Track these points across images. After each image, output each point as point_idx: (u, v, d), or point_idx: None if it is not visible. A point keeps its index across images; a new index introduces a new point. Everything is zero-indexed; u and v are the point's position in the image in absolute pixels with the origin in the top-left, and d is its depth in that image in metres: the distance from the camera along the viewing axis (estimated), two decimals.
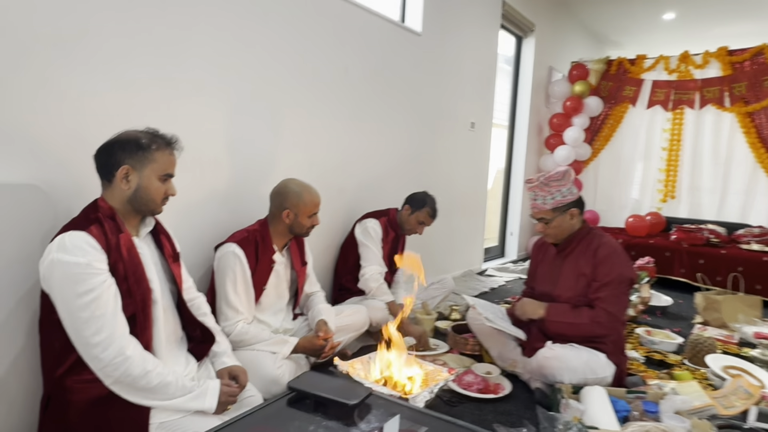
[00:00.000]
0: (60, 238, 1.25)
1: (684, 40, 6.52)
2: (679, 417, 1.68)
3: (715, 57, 4.74)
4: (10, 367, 1.44)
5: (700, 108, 4.85)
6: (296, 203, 1.96)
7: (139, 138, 1.38)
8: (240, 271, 1.86)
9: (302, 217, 1.98)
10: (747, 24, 5.83)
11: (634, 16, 5.88)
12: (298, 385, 0.96)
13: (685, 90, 4.91)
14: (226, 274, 1.85)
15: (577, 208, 2.09)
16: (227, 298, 1.85)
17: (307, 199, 1.97)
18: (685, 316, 3.42)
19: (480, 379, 2.06)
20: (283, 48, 2.37)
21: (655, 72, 5.09)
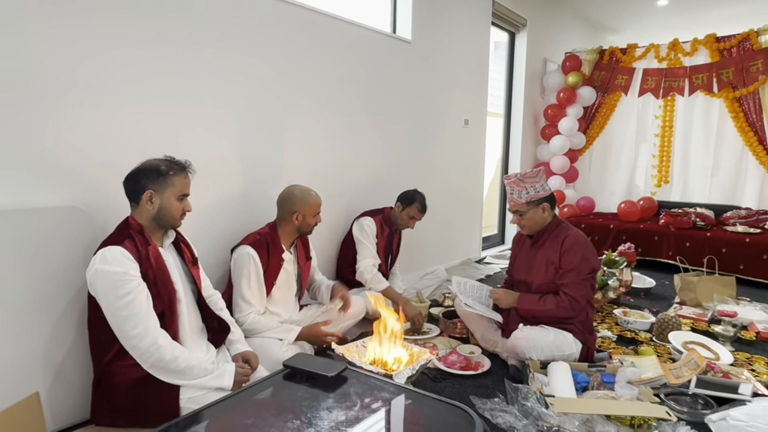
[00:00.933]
0: (101, 252, 1.56)
1: (678, 24, 6.61)
2: (629, 386, 1.94)
3: (703, 44, 4.86)
4: (66, 356, 1.77)
5: (689, 94, 4.99)
6: (303, 206, 2.25)
7: (159, 166, 1.67)
8: (254, 270, 2.15)
9: (309, 217, 2.28)
10: (739, 6, 5.90)
11: (628, 3, 5.98)
12: (291, 362, 1.25)
13: (674, 77, 5.05)
14: (242, 272, 2.15)
15: (548, 203, 2.33)
16: (242, 293, 2.14)
17: (311, 202, 2.28)
18: (668, 296, 3.64)
19: (462, 358, 2.34)
20: (281, 68, 2.63)
21: (646, 60, 5.23)
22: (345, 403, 1.12)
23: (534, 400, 1.87)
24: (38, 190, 1.72)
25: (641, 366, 2.19)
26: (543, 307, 2.23)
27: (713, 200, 4.97)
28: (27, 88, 1.68)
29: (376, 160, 3.41)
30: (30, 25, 1.67)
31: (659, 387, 2.07)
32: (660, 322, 2.71)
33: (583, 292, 2.21)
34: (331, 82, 2.97)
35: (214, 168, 2.35)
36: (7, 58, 1.62)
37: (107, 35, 1.88)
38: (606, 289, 3.23)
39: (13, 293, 1.64)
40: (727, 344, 2.60)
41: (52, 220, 1.73)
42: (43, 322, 1.71)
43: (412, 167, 3.77)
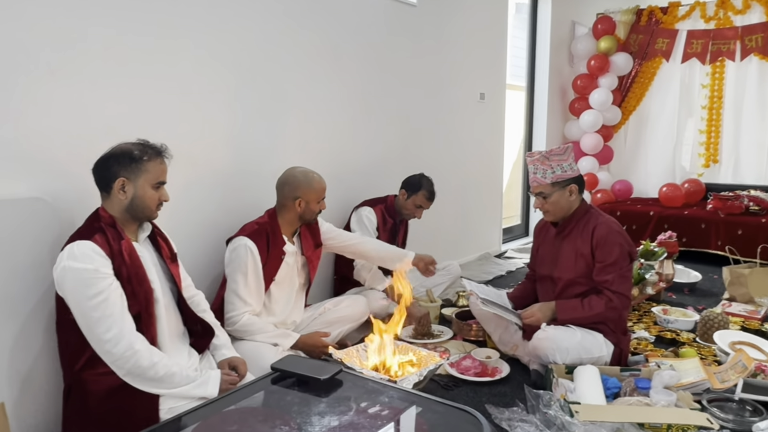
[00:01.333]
0: (69, 248, 1.60)
1: None
2: (667, 391, 1.96)
3: (757, 0, 4.81)
4: (33, 364, 1.82)
5: (741, 59, 4.95)
6: (306, 191, 2.29)
7: (131, 151, 1.71)
8: (252, 264, 2.19)
9: (312, 203, 2.32)
10: None
11: None
12: (280, 365, 1.29)
13: (724, 39, 5.01)
14: (239, 267, 2.18)
15: (576, 185, 2.34)
16: (237, 290, 2.18)
17: (315, 186, 2.31)
18: (716, 292, 3.65)
19: (477, 363, 2.37)
20: (270, 37, 2.66)
21: (691, 21, 5.20)
22: (339, 408, 1.15)
23: (557, 408, 1.90)
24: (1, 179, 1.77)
25: (681, 369, 2.21)
26: (591, 312, 2.24)
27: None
28: None
29: (379, 142, 3.43)
30: None
31: (701, 392, 2.09)
32: (704, 321, 2.73)
33: (627, 285, 2.26)
34: (325, 51, 3.00)
35: (194, 152, 2.38)
36: None
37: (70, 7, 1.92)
38: (643, 285, 3.25)
39: None
40: None
41: (13, 214, 1.77)
42: (6, 327, 1.76)
43: (420, 149, 3.79)
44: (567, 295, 2.36)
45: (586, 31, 5.55)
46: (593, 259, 2.28)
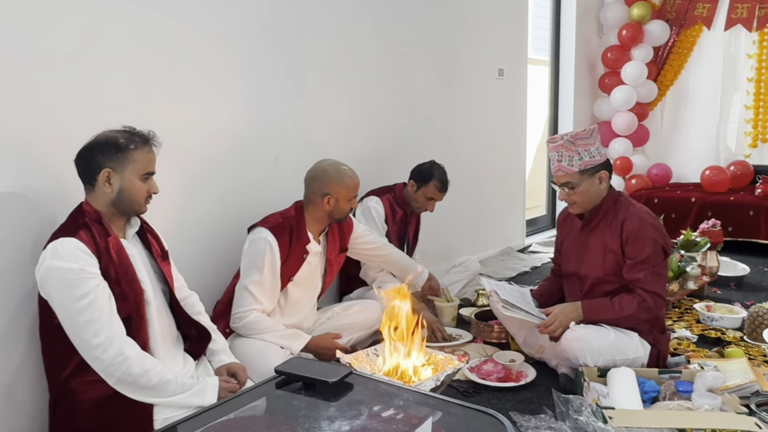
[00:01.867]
0: (52, 245, 1.64)
1: None
2: (711, 394, 1.98)
3: None
4: (16, 373, 1.87)
5: None
6: (337, 189, 2.31)
7: (117, 139, 1.74)
8: (269, 261, 2.23)
9: (343, 202, 2.34)
10: None
11: None
12: (285, 368, 1.32)
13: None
14: (255, 261, 2.23)
15: (606, 171, 2.35)
16: (249, 285, 2.22)
17: (348, 183, 2.34)
18: (766, 287, 3.66)
19: (500, 368, 2.41)
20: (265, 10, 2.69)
21: None
22: (350, 412, 1.18)
23: (589, 414, 1.92)
24: None
25: (727, 371, 2.23)
26: (622, 314, 2.26)
27: None
28: None
29: (387, 126, 3.46)
30: None
31: (749, 396, 2.11)
32: (753, 318, 2.74)
33: (662, 284, 2.27)
34: (327, 26, 3.02)
35: (184, 139, 2.42)
36: None
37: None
38: (684, 279, 3.26)
39: None
40: None
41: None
42: None
43: (432, 133, 3.82)
44: (595, 294, 2.38)
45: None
46: (623, 255, 2.29)
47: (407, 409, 1.23)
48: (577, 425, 1.94)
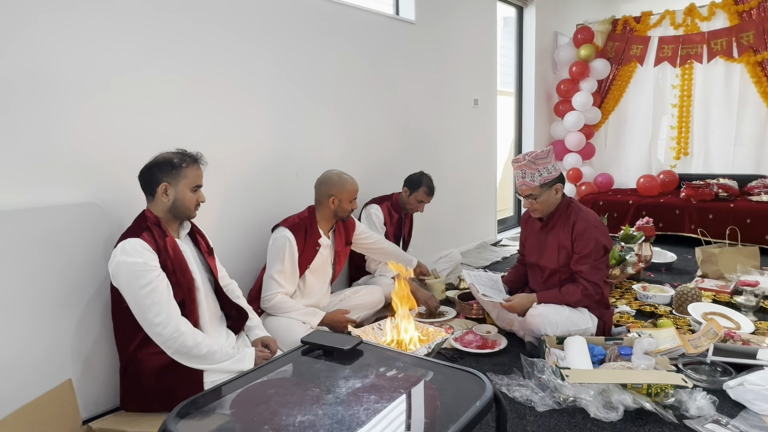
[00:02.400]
0: (122, 245, 1.66)
1: None
2: (646, 356, 2.00)
3: (721, 7, 4.81)
4: (93, 346, 1.89)
5: (708, 61, 4.94)
6: (339, 191, 2.36)
7: (172, 159, 1.77)
8: (289, 253, 2.27)
9: (345, 202, 2.38)
10: None
11: None
12: (309, 339, 1.34)
13: (692, 44, 5.00)
14: (277, 254, 2.27)
15: (561, 183, 2.37)
16: (274, 274, 2.26)
17: (348, 187, 2.38)
18: (690, 270, 3.67)
19: (479, 338, 2.42)
20: (287, 56, 2.71)
21: (661, 28, 5.19)
22: (361, 373, 1.21)
23: (550, 373, 1.95)
24: (58, 188, 1.84)
25: (659, 338, 2.25)
26: (568, 301, 2.29)
27: (737, 170, 4.94)
28: (45, 91, 1.79)
29: (385, 145, 3.48)
30: (47, 35, 1.78)
31: (677, 357, 2.13)
32: (679, 295, 2.76)
33: (601, 275, 2.27)
34: (336, 66, 3.04)
35: (224, 159, 2.44)
36: (24, 63, 1.73)
37: (117, 35, 1.98)
38: (624, 265, 3.28)
39: (40, 288, 1.76)
40: (750, 314, 2.64)
41: (71, 217, 1.85)
42: (69, 315, 1.83)
43: (422, 150, 3.83)
44: (552, 281, 2.41)
45: (567, 40, 5.56)
46: (573, 250, 2.32)
47: (406, 370, 1.25)
48: (540, 382, 1.96)
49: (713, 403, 1.77)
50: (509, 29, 5.40)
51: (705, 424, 1.70)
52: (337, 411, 1.03)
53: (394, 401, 1.08)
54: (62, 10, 1.82)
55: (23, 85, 1.74)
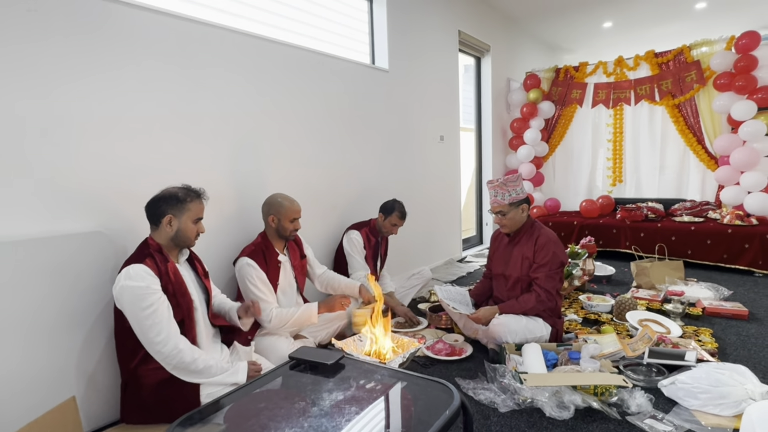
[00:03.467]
0: (126, 270, 1.61)
1: (622, 42, 6.84)
2: (592, 360, 2.02)
3: (644, 59, 5.04)
4: (96, 364, 1.81)
5: (635, 104, 5.15)
6: (278, 210, 2.29)
7: (177, 193, 1.73)
8: (256, 276, 2.20)
9: (284, 221, 2.29)
10: (673, 25, 6.14)
11: (578, 27, 6.19)
12: (295, 354, 1.31)
13: (621, 89, 5.21)
14: (247, 281, 2.19)
15: (526, 204, 2.42)
16: (255, 296, 2.17)
17: (287, 206, 2.30)
18: (627, 282, 3.75)
19: (448, 346, 2.41)
20: (275, 99, 2.71)
21: (596, 76, 5.40)
22: (343, 386, 1.18)
23: (510, 378, 1.94)
24: (67, 218, 1.78)
25: (603, 343, 2.28)
26: (525, 307, 2.30)
27: (662, 195, 5.12)
28: (55, 129, 1.74)
29: (363, 176, 3.49)
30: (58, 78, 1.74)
31: (619, 360, 2.16)
32: (618, 304, 2.81)
33: (554, 284, 2.30)
34: (320, 110, 3.06)
35: (219, 191, 2.41)
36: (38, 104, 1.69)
37: (120, 77, 1.96)
38: (571, 278, 3.32)
39: (49, 310, 1.68)
40: (677, 320, 2.70)
41: (79, 245, 1.79)
42: (75, 335, 1.76)
43: (396, 180, 3.86)
44: (515, 288, 2.43)
45: (518, 85, 5.73)
46: (533, 260, 2.35)
47: (383, 381, 1.23)
48: (502, 386, 1.96)
49: (650, 401, 1.80)
50: (469, 75, 5.54)
51: (644, 419, 1.71)
52: (321, 423, 1.01)
53: (372, 412, 1.06)
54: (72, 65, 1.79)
55: (34, 124, 1.69)
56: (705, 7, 5.51)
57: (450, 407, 1.03)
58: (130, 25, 1.98)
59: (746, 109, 4.12)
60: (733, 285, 3.50)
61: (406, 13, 3.88)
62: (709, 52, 4.55)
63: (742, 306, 2.89)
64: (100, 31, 1.88)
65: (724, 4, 5.44)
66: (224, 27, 2.40)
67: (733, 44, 4.31)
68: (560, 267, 2.34)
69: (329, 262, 3.16)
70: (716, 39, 4.51)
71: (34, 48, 1.70)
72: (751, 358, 2.25)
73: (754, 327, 2.66)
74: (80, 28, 1.82)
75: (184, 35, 2.20)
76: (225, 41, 2.40)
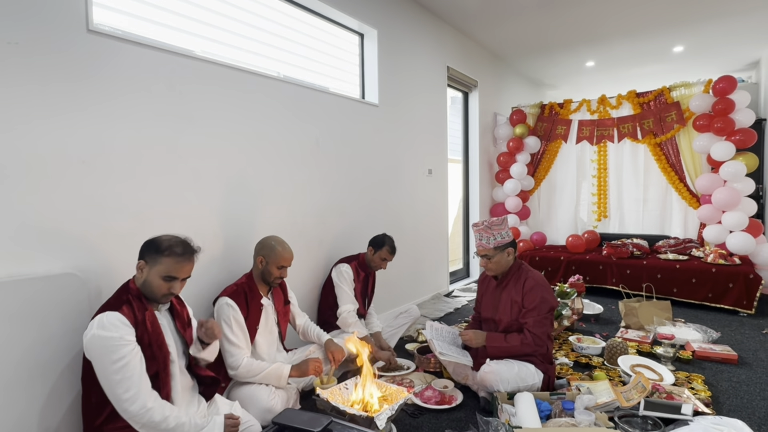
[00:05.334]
0: (99, 318, 1.50)
1: (605, 81, 7.08)
2: (587, 412, 1.96)
3: (627, 99, 5.20)
4: (61, 420, 1.67)
5: (618, 141, 5.28)
6: (269, 253, 2.21)
7: (161, 243, 1.61)
8: (234, 318, 2.09)
9: (272, 266, 2.21)
10: (653, 66, 6.38)
11: (562, 65, 6.38)
12: (279, 419, 1.22)
13: (605, 127, 5.35)
14: (224, 322, 2.08)
15: (512, 248, 2.38)
16: (229, 340, 2.07)
17: (278, 252, 2.21)
18: (615, 320, 3.73)
19: (437, 393, 2.33)
20: (264, 133, 2.67)
21: (580, 113, 5.53)
22: None
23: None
24: (33, 259, 1.68)
25: (596, 391, 2.22)
26: (509, 344, 2.25)
27: (646, 230, 5.19)
28: (26, 168, 1.66)
29: (351, 210, 3.44)
30: (31, 113, 1.67)
31: (613, 410, 2.10)
32: (609, 348, 2.77)
33: (544, 329, 2.25)
34: (308, 143, 3.03)
35: (205, 227, 2.33)
36: (10, 142, 1.61)
37: (101, 115, 1.89)
38: (561, 318, 3.29)
39: (8, 362, 1.55)
40: (668, 364, 2.67)
41: (46, 288, 1.67)
42: (37, 389, 1.62)
43: (384, 214, 3.82)
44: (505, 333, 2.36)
45: (504, 120, 5.83)
46: (522, 305, 2.31)
47: None
48: None
49: None
50: (457, 107, 5.62)
51: None
52: None
53: None
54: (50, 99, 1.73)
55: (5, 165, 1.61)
56: (682, 51, 5.75)
57: None
58: (114, 60, 1.94)
59: (725, 150, 4.24)
60: (719, 325, 3.52)
61: (396, 48, 3.94)
62: (688, 94, 4.71)
63: (731, 349, 2.88)
64: (81, 65, 1.82)
65: (700, 49, 5.69)
66: (212, 61, 2.38)
67: (711, 87, 4.48)
68: (549, 312, 2.29)
69: (315, 297, 3.07)
70: (694, 82, 4.68)
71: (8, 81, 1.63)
72: (745, 408, 2.22)
73: (744, 372, 2.64)
74: (60, 62, 1.76)
75: (171, 70, 2.16)
76: (212, 75, 2.37)
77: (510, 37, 5.23)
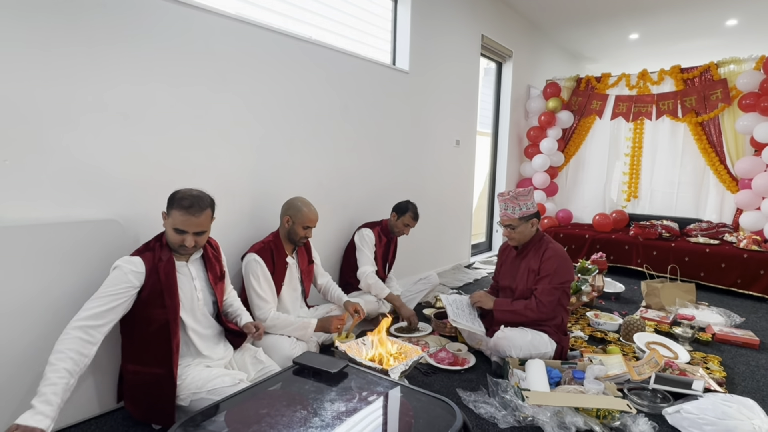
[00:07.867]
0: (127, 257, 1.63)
1: (647, 56, 6.72)
2: (597, 381, 1.99)
3: (669, 74, 4.94)
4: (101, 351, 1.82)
5: (656, 119, 5.06)
6: (295, 214, 2.29)
7: (174, 196, 1.67)
8: (261, 273, 2.20)
9: (298, 226, 2.28)
10: (701, 40, 6.01)
11: (604, 37, 6.09)
12: (300, 360, 1.31)
13: (643, 103, 5.12)
14: (252, 277, 2.19)
15: (536, 219, 2.39)
16: (257, 293, 2.18)
17: (305, 213, 2.29)
18: (636, 300, 3.69)
19: (451, 355, 2.40)
20: (294, 96, 2.71)
21: (618, 88, 5.31)
22: (345, 396, 1.18)
23: (512, 394, 1.93)
24: (83, 204, 1.80)
25: (608, 364, 2.24)
26: (512, 308, 2.29)
27: (678, 213, 5.03)
28: (76, 117, 1.76)
29: (376, 176, 3.48)
30: (81, 68, 1.76)
31: (623, 383, 2.13)
32: (626, 324, 2.76)
33: (552, 299, 2.25)
34: (337, 107, 3.05)
35: (234, 184, 2.42)
36: (62, 92, 1.70)
37: (143, 74, 1.97)
38: (580, 294, 3.29)
39: (57, 295, 1.70)
40: (686, 344, 2.66)
41: (91, 232, 1.79)
42: None
43: (409, 182, 3.84)
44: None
45: (538, 93, 5.66)
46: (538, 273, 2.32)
47: (386, 394, 1.22)
48: (503, 401, 1.94)
49: (653, 428, 1.76)
50: (489, 78, 5.48)
51: None
52: None
53: (373, 425, 1.05)
54: (98, 55, 1.80)
55: (57, 113, 1.71)
56: (736, 24, 5.38)
57: (452, 427, 1.02)
58: (152, 17, 1.99)
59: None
60: (745, 312, 3.44)
61: (430, 14, 3.85)
62: (737, 71, 4.44)
63: (753, 335, 2.83)
64: (122, 23, 1.89)
65: (756, 22, 5.31)
66: (246, 21, 2.40)
67: (763, 64, 4.21)
68: (562, 283, 2.28)
69: (337, 259, 3.16)
70: (745, 58, 4.40)
71: (64, 37, 1.71)
72: (760, 391, 2.20)
73: (764, 357, 2.60)
74: (107, 19, 1.83)
75: (207, 28, 2.21)
76: (246, 35, 2.40)
77: (550, 4, 5.00)
